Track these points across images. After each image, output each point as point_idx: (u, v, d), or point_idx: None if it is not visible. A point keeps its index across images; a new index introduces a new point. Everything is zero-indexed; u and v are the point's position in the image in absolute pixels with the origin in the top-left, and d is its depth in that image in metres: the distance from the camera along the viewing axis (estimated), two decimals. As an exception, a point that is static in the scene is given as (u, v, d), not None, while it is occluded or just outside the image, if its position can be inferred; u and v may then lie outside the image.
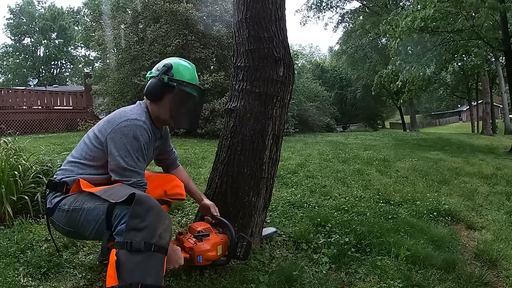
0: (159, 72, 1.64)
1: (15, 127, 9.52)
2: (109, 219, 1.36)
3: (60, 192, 1.53)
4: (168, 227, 1.36)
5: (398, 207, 3.21)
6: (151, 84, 1.64)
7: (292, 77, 2.18)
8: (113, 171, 1.50)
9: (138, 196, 1.31)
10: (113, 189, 1.43)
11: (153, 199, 1.37)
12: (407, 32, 9.62)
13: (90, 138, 1.60)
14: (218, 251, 1.70)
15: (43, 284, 1.69)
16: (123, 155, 1.48)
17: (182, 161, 4.83)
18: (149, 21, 10.71)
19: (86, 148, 1.59)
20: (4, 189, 2.35)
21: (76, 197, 1.48)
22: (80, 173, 1.55)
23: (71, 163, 1.60)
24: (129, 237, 1.27)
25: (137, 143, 1.51)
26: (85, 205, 1.43)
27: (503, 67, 15.64)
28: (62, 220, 1.50)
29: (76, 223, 1.46)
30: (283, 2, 2.16)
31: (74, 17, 39.59)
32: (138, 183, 1.51)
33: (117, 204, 1.34)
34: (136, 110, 1.62)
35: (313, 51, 52.33)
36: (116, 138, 1.50)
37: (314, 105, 17.45)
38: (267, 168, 2.13)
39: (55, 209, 1.51)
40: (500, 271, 2.18)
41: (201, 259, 1.64)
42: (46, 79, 37.60)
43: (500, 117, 30.02)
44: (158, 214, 1.32)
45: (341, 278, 1.94)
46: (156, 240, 1.29)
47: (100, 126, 1.60)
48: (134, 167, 1.50)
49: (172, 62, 1.66)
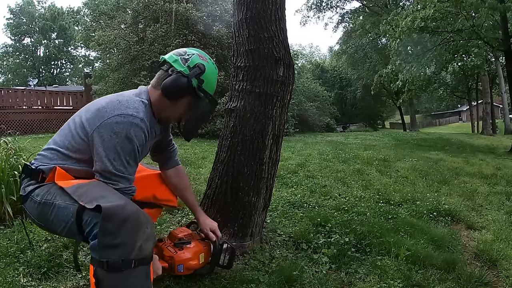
0: (190, 73, 1.39)
1: (15, 127, 9.52)
2: (79, 223, 1.20)
3: (35, 180, 1.35)
4: (150, 235, 1.19)
5: (398, 207, 3.21)
6: (176, 81, 1.38)
7: (292, 77, 2.18)
8: (98, 173, 1.30)
9: (106, 211, 1.11)
10: (85, 187, 1.25)
11: (128, 206, 1.18)
12: (407, 32, 9.63)
13: (76, 124, 1.37)
14: (200, 260, 1.60)
15: (43, 284, 1.69)
16: (111, 158, 1.27)
17: (182, 161, 4.81)
18: (149, 21, 10.71)
19: (70, 135, 1.37)
20: (4, 189, 2.35)
21: (49, 188, 1.30)
22: (60, 164, 1.35)
23: (51, 150, 1.39)
24: (104, 256, 1.12)
25: (129, 145, 1.29)
26: (56, 201, 1.26)
27: (503, 67, 15.64)
28: (34, 211, 1.34)
29: (46, 218, 1.30)
30: (283, 2, 2.16)
31: (74, 17, 39.58)
32: (125, 189, 1.32)
33: (86, 208, 1.17)
34: (134, 102, 1.35)
35: (313, 51, 52.43)
36: (105, 136, 1.27)
37: (314, 105, 17.44)
38: (267, 168, 2.13)
39: (27, 198, 1.35)
40: (500, 271, 2.18)
41: (181, 269, 1.54)
42: (46, 79, 37.61)
43: (500, 117, 30.02)
44: (134, 226, 1.15)
45: (341, 278, 1.94)
46: (135, 254, 1.14)
47: (89, 114, 1.35)
48: (122, 172, 1.30)
49: (205, 65, 1.43)
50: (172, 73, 1.39)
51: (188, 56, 1.42)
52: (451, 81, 24.80)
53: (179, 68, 1.39)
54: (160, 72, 1.44)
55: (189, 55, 1.43)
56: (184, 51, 1.45)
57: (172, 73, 1.39)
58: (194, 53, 1.44)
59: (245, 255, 2.08)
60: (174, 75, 1.38)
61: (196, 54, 1.44)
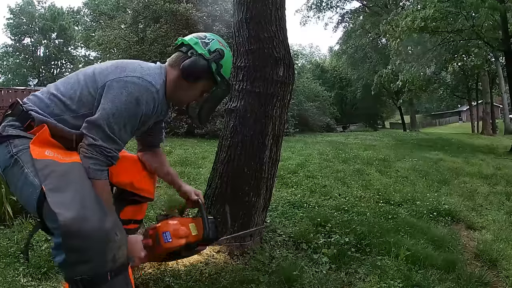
0: (210, 57, 1.36)
1: (15, 127, 9.52)
2: (40, 212, 1.08)
3: (21, 123, 1.19)
4: (121, 241, 1.10)
5: (398, 207, 3.21)
6: (197, 63, 1.34)
7: (292, 77, 2.18)
8: (88, 121, 1.18)
9: (66, 227, 0.99)
10: (53, 167, 1.10)
11: (90, 217, 1.03)
12: (407, 32, 9.63)
13: (86, 75, 1.28)
14: (192, 230, 1.37)
15: (43, 284, 1.69)
16: (110, 112, 1.17)
17: (182, 161, 4.83)
18: (149, 21, 10.72)
19: (76, 85, 1.26)
20: (4, 189, 2.35)
21: (28, 149, 1.14)
22: (56, 113, 1.22)
23: (51, 95, 1.26)
24: (77, 273, 1.02)
25: (135, 108, 1.21)
26: (27, 169, 1.12)
27: (503, 67, 15.64)
28: (2, 161, 1.18)
29: (11, 178, 1.17)
30: (283, 2, 2.16)
31: (74, 17, 39.51)
32: (106, 150, 1.17)
33: (46, 198, 1.04)
34: (154, 73, 1.31)
35: (313, 51, 52.32)
36: (116, 89, 1.20)
37: (314, 105, 17.46)
38: (267, 168, 2.13)
39: (4, 142, 1.17)
40: (500, 271, 2.18)
41: (169, 237, 1.29)
42: (46, 79, 37.56)
43: (500, 117, 30.02)
44: (102, 238, 1.04)
45: (341, 278, 1.94)
46: (110, 266, 1.05)
47: (104, 68, 1.28)
48: (112, 132, 1.18)
49: (224, 50, 1.40)
50: (192, 55, 1.36)
51: (209, 40, 1.40)
52: (451, 81, 24.80)
53: (200, 50, 1.37)
54: (179, 53, 1.41)
55: (209, 39, 1.41)
56: (204, 35, 1.43)
57: (191, 55, 1.36)
58: (214, 38, 1.43)
59: (245, 255, 2.08)
60: (194, 57, 1.35)
61: (216, 39, 1.43)
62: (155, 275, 1.77)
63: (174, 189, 1.73)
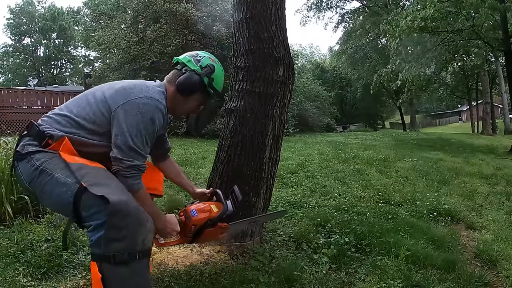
0: (202, 72, 1.54)
1: (15, 127, 9.50)
2: (77, 205, 1.20)
3: (38, 142, 1.32)
4: (150, 228, 1.26)
5: (398, 207, 3.21)
6: (190, 79, 1.51)
7: (292, 77, 2.19)
8: (117, 147, 1.33)
9: (113, 205, 1.16)
10: (89, 169, 1.27)
11: (131, 202, 1.23)
12: (407, 32, 9.62)
13: (96, 99, 1.41)
14: (213, 208, 1.68)
15: (43, 284, 1.69)
16: (134, 134, 1.33)
17: (182, 161, 4.83)
18: (149, 21, 10.72)
19: (88, 107, 1.39)
20: (4, 189, 2.35)
21: (52, 157, 1.28)
22: (73, 132, 1.35)
23: (65, 117, 1.38)
24: (110, 250, 1.15)
25: (152, 127, 1.38)
26: (56, 173, 1.25)
27: (503, 67, 15.65)
28: (27, 175, 1.30)
29: (40, 187, 1.28)
30: (283, 2, 2.17)
31: (74, 17, 39.53)
32: (140, 167, 1.36)
33: (87, 190, 1.18)
34: (157, 90, 1.47)
35: (313, 51, 52.39)
36: (132, 113, 1.34)
37: (314, 105, 17.43)
38: (267, 168, 2.13)
39: (24, 158, 1.31)
40: (500, 271, 2.18)
41: (195, 212, 1.61)
42: (46, 79, 37.55)
43: (500, 117, 30.00)
44: (137, 221, 1.20)
45: (341, 278, 1.94)
46: (140, 247, 1.20)
47: (113, 91, 1.41)
48: (141, 149, 1.35)
49: (215, 66, 1.59)
50: (186, 71, 1.54)
51: (200, 58, 1.59)
52: (451, 81, 24.80)
53: (193, 67, 1.55)
54: (174, 71, 1.59)
55: (201, 56, 1.59)
56: (196, 53, 1.61)
57: (185, 71, 1.54)
58: (205, 55, 1.61)
59: (245, 255, 2.08)
60: (188, 73, 1.53)
61: (207, 56, 1.61)
62: (155, 275, 1.77)
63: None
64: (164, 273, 1.82)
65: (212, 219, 1.63)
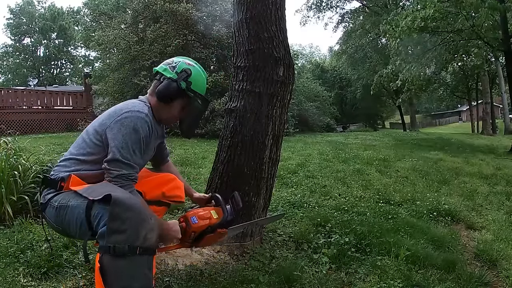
0: (178, 77, 1.60)
1: (15, 127, 9.51)
2: (88, 218, 1.32)
3: (54, 188, 1.49)
4: (153, 226, 1.30)
5: (398, 207, 3.21)
6: (167, 86, 1.59)
7: (292, 77, 2.19)
8: (107, 162, 1.45)
9: (115, 197, 1.24)
10: (95, 187, 1.39)
11: (134, 198, 1.32)
12: (407, 32, 9.61)
13: (89, 134, 1.55)
14: (213, 214, 1.69)
15: (43, 284, 1.69)
16: (119, 146, 1.43)
17: (182, 161, 4.83)
18: (149, 21, 10.70)
19: (84, 144, 1.54)
20: (4, 189, 2.35)
21: (66, 194, 1.44)
22: (77, 169, 1.50)
23: (68, 160, 1.55)
24: (111, 241, 1.21)
25: (136, 135, 1.46)
26: (70, 202, 1.40)
27: (503, 67, 15.64)
28: (52, 217, 1.46)
29: (62, 220, 1.43)
30: (283, 2, 2.17)
31: (74, 17, 39.48)
32: (129, 175, 1.45)
33: (95, 202, 1.30)
34: (138, 103, 1.58)
35: (313, 51, 52.37)
36: (115, 129, 1.46)
37: (314, 105, 17.42)
38: (267, 168, 2.14)
39: (47, 205, 1.48)
40: (500, 271, 2.18)
41: (195, 219, 1.63)
42: (46, 79, 37.56)
43: (500, 117, 30.02)
44: (139, 215, 1.26)
45: (341, 278, 1.94)
46: (141, 242, 1.24)
47: (100, 120, 1.55)
48: (128, 160, 1.44)
49: (191, 69, 1.63)
50: (163, 80, 1.61)
51: (175, 64, 1.64)
52: (451, 81, 24.78)
53: (169, 75, 1.61)
54: (155, 81, 1.66)
55: (176, 62, 1.65)
56: (171, 60, 1.67)
57: (163, 80, 1.61)
58: (180, 60, 1.66)
59: (245, 255, 2.09)
60: (165, 82, 1.60)
61: (182, 61, 1.66)
62: (155, 275, 1.77)
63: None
64: (164, 273, 1.82)
65: (212, 226, 1.66)
